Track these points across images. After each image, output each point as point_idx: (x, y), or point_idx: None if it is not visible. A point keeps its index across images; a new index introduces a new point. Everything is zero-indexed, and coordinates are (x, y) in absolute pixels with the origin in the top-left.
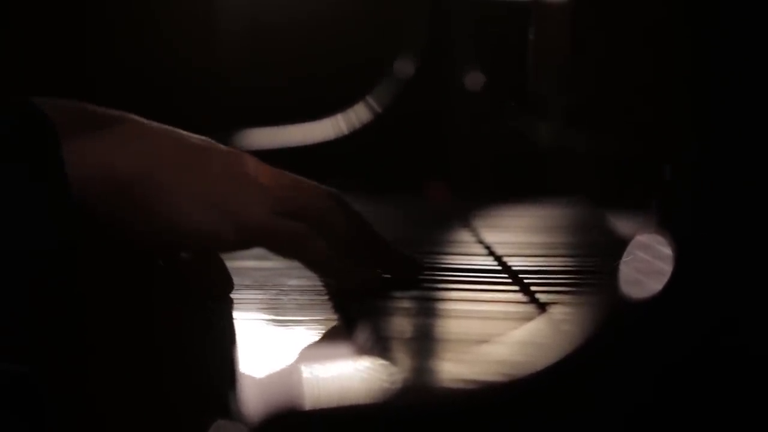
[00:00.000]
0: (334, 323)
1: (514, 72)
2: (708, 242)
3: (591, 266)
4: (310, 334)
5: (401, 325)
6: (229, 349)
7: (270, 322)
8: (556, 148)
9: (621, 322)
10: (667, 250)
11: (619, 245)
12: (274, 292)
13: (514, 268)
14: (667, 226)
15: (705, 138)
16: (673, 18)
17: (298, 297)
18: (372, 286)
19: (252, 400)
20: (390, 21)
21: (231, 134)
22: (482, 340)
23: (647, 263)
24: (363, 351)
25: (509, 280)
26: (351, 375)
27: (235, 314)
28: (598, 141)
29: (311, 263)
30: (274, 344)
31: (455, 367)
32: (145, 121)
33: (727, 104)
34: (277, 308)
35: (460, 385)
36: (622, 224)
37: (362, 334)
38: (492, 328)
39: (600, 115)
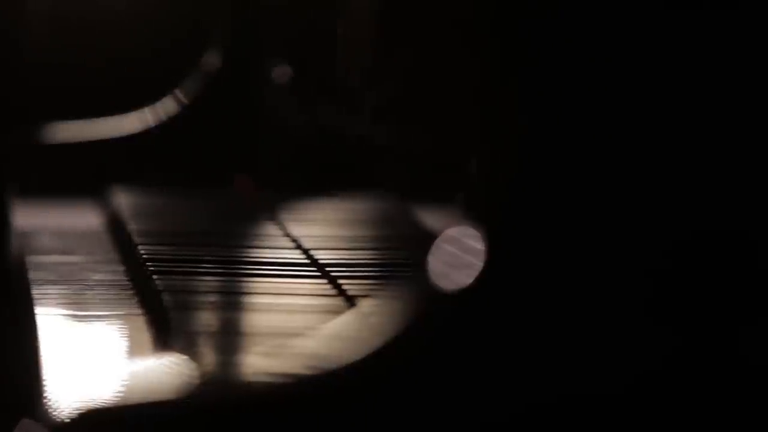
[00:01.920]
0: (139, 318)
1: (322, 65)
2: (515, 234)
3: (399, 259)
4: (115, 329)
5: (207, 319)
6: (31, 346)
7: (75, 318)
8: (364, 142)
9: (431, 315)
10: (475, 244)
11: (426, 238)
12: (78, 286)
13: (321, 261)
14: (471, 218)
15: (510, 132)
16: (478, 16)
17: (103, 292)
18: None
19: (57, 398)
20: (199, 12)
21: (38, 128)
22: (290, 334)
23: (455, 256)
24: (168, 346)
25: (317, 273)
26: (155, 370)
27: (38, 310)
28: (405, 135)
29: None
30: (79, 340)
31: (262, 361)
32: None
33: (531, 99)
34: (82, 303)
35: (267, 379)
36: (429, 217)
37: (167, 329)
38: (300, 321)
39: (407, 110)
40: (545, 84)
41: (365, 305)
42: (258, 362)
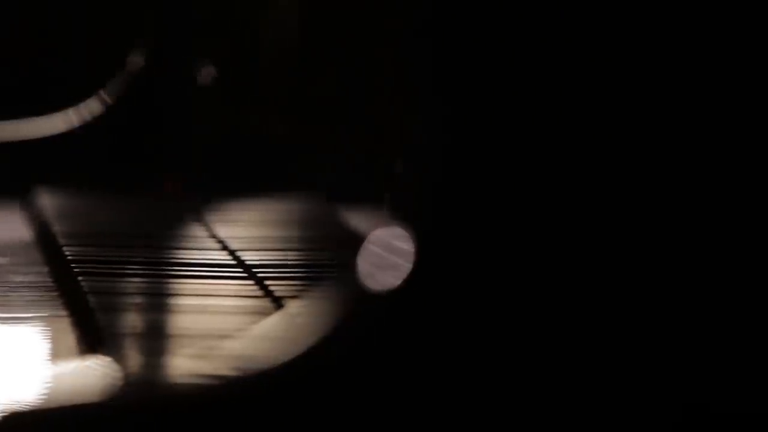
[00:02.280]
0: (64, 320)
1: (247, 66)
2: (441, 235)
3: (326, 260)
4: (40, 331)
5: (133, 320)
6: None
7: None
8: (290, 142)
9: (359, 315)
10: (402, 244)
11: (353, 239)
12: (2, 288)
13: (248, 263)
14: (398, 218)
15: (435, 133)
16: (404, 18)
17: (26, 293)
18: None
19: None
20: (124, 12)
21: None
22: (217, 335)
23: (383, 257)
24: (93, 348)
25: (244, 275)
26: (80, 372)
27: None
28: (331, 135)
29: None
30: (2, 342)
31: (189, 363)
32: None
33: (456, 99)
34: (6, 305)
35: (194, 381)
36: (355, 218)
37: (92, 331)
38: (227, 322)
39: (333, 110)
40: (469, 85)
41: (292, 306)
42: (185, 364)
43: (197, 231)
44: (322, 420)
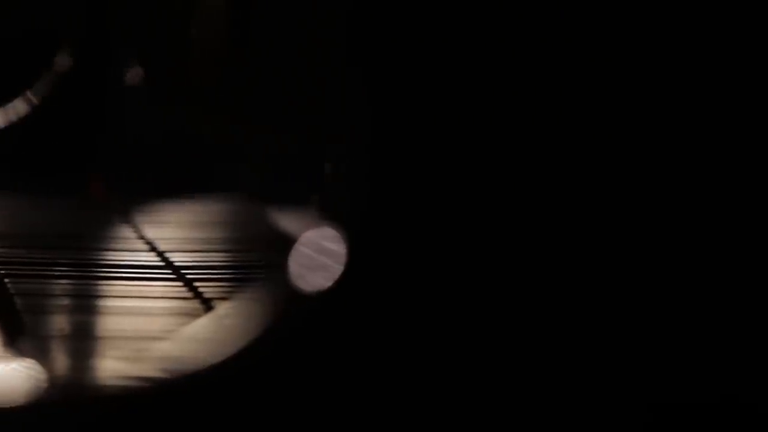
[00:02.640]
0: None
1: (175, 67)
2: (370, 236)
3: (255, 261)
4: None
5: (60, 323)
6: None
7: None
8: (218, 143)
9: (289, 317)
10: (332, 246)
11: (282, 240)
12: None
13: (177, 264)
14: (327, 219)
15: (364, 134)
16: (332, 21)
17: None
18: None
19: None
20: (51, 12)
21: None
22: (146, 337)
23: (313, 258)
24: (18, 350)
25: (172, 276)
26: (5, 374)
27: None
28: (261, 137)
29: None
30: None
31: (118, 365)
32: None
33: (384, 101)
34: None
35: (123, 383)
36: (285, 219)
37: (18, 333)
38: (156, 324)
39: (263, 112)
40: (398, 87)
41: (222, 308)
42: (113, 366)
43: (125, 232)
44: (252, 420)
